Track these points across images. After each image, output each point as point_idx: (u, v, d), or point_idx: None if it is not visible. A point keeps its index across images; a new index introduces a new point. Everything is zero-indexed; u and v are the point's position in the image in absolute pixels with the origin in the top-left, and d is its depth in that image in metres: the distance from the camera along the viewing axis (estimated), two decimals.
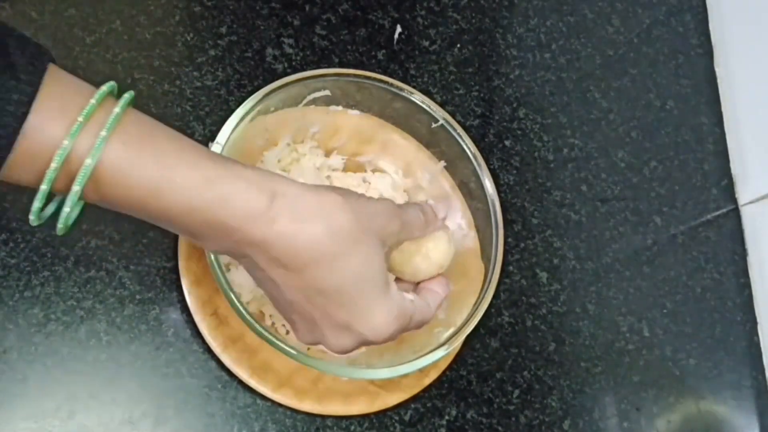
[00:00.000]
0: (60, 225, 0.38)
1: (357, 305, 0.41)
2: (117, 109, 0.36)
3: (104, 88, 0.37)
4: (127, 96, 0.38)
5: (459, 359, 0.57)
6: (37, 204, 0.37)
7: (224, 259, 0.51)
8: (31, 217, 0.37)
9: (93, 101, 0.36)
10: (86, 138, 0.35)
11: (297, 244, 0.39)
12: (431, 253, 0.48)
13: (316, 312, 0.42)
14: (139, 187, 0.37)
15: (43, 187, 0.36)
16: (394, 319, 0.43)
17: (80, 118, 0.35)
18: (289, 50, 0.63)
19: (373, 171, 0.59)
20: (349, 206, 0.40)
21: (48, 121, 0.35)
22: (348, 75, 0.54)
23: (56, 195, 0.38)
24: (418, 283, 0.50)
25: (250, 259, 0.41)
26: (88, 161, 0.35)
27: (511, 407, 0.58)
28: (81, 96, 0.36)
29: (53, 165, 0.35)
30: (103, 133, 0.35)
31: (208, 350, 0.51)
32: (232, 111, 0.50)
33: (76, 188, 0.36)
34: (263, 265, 0.41)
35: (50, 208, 0.39)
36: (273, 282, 0.41)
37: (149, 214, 0.38)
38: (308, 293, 0.41)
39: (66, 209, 0.37)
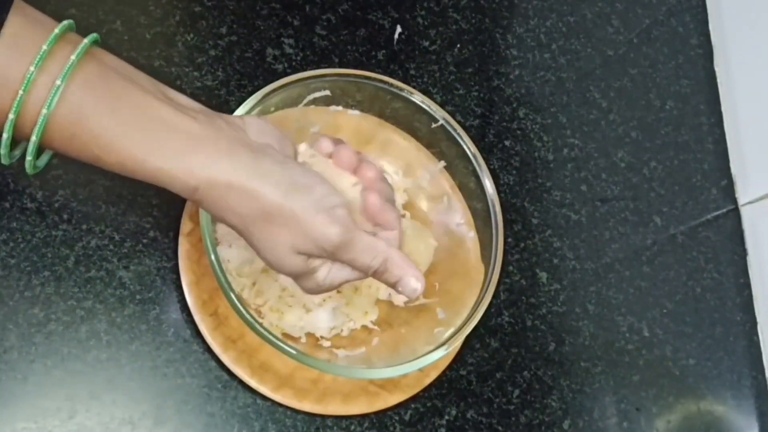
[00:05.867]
0: (28, 168, 0.40)
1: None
2: (74, 55, 0.37)
3: (60, 28, 0.38)
4: (86, 41, 0.39)
5: (459, 359, 0.57)
6: (5, 135, 0.38)
7: (222, 257, 0.51)
8: (2, 151, 0.38)
9: (45, 47, 0.37)
10: (44, 84, 0.37)
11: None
12: (412, 255, 0.49)
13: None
14: (94, 139, 0.38)
15: (11, 117, 0.37)
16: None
17: (44, 47, 0.37)
18: (289, 50, 0.63)
19: None
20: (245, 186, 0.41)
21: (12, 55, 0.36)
22: (348, 75, 0.54)
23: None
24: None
25: None
26: (45, 110, 0.37)
27: (511, 407, 0.58)
28: (42, 34, 0.37)
29: (21, 92, 0.36)
30: (58, 82, 0.37)
31: (208, 350, 0.51)
32: (233, 111, 0.50)
33: (33, 139, 0.37)
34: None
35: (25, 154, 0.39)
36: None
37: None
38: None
39: (29, 158, 0.39)
